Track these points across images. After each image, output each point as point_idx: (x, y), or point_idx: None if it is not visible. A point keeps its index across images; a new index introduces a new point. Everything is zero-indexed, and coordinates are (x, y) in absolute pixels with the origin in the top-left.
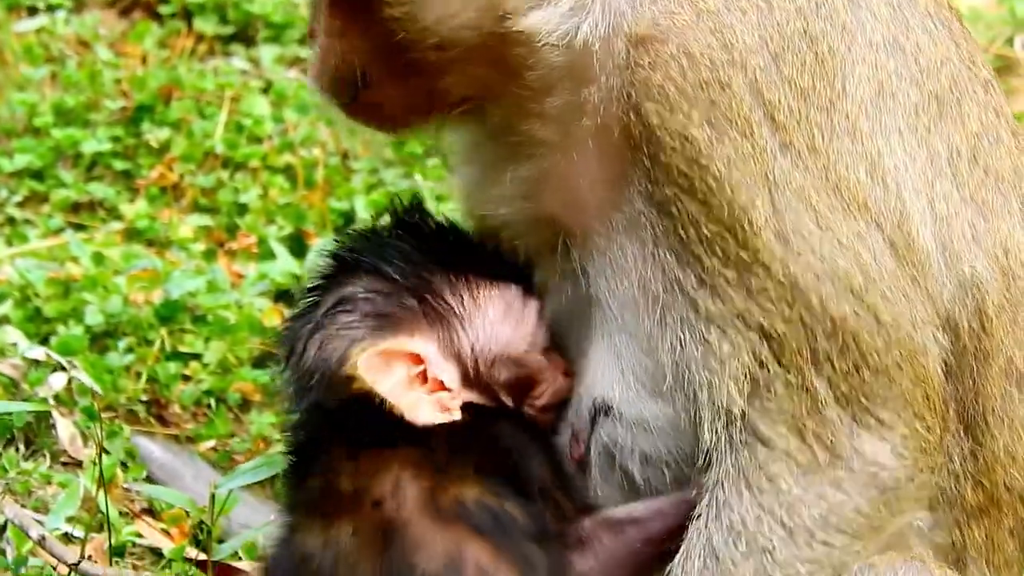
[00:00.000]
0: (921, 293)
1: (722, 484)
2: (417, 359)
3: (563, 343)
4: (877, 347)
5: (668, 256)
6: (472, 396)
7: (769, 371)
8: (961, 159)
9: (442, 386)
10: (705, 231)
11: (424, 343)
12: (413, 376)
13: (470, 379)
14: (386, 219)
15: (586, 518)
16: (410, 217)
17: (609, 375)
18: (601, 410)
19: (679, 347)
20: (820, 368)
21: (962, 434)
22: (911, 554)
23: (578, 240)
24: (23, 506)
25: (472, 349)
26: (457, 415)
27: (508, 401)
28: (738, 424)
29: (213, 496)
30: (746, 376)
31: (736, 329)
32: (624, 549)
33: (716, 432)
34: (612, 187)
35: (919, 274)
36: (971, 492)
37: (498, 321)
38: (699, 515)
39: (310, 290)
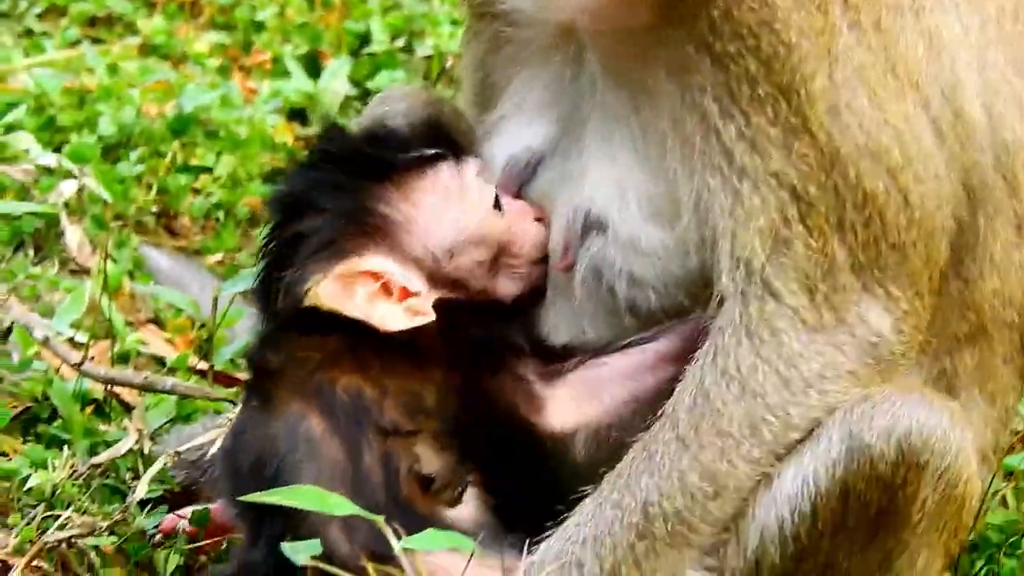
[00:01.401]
0: (955, 169)
1: (724, 331)
2: (375, 276)
3: (551, 148)
4: (900, 224)
5: (711, 105)
6: (445, 291)
7: (793, 230)
8: (1006, 16)
9: (409, 292)
10: (760, 91)
11: (377, 258)
12: (375, 291)
13: (436, 277)
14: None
15: (571, 359)
16: (328, 143)
17: (607, 192)
18: (595, 225)
19: (705, 192)
20: (843, 235)
21: (951, 276)
22: (905, 384)
23: (598, 54)
24: (30, 310)
25: (426, 247)
26: (430, 316)
27: (486, 280)
28: (756, 277)
29: (216, 299)
30: (771, 231)
31: (769, 186)
32: (607, 379)
33: (735, 281)
34: (661, 21)
35: (961, 148)
36: (957, 323)
37: (440, 209)
38: (697, 359)
39: (266, 239)
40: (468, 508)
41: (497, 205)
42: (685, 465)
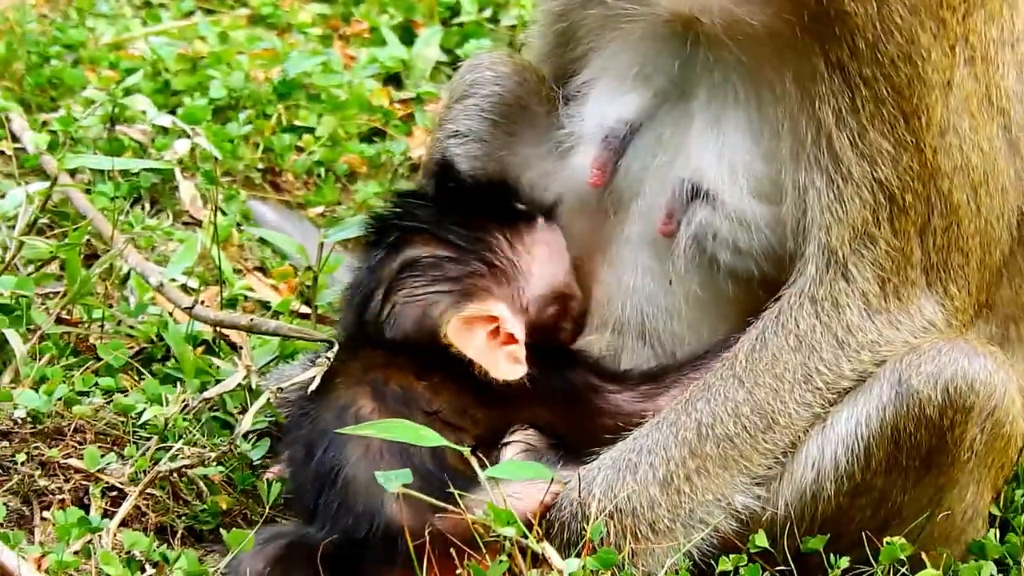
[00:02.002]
0: (1022, 178)
1: (790, 296)
2: (493, 319)
3: (647, 120)
4: (969, 232)
5: (829, 114)
6: (530, 339)
7: (881, 229)
8: None
9: (513, 339)
10: (884, 111)
11: (498, 303)
12: (490, 334)
13: (531, 326)
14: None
15: (665, 379)
16: (445, 179)
17: (716, 168)
18: (701, 196)
19: (809, 187)
20: (923, 239)
21: (1017, 253)
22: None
23: (724, 47)
24: (146, 259)
25: (530, 297)
26: (525, 368)
27: (554, 330)
28: (837, 263)
29: (322, 245)
30: (862, 228)
31: (870, 190)
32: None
33: (816, 263)
34: (798, 36)
35: None
36: (1015, 293)
37: (546, 263)
38: (761, 317)
39: (370, 244)
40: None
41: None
42: (740, 398)
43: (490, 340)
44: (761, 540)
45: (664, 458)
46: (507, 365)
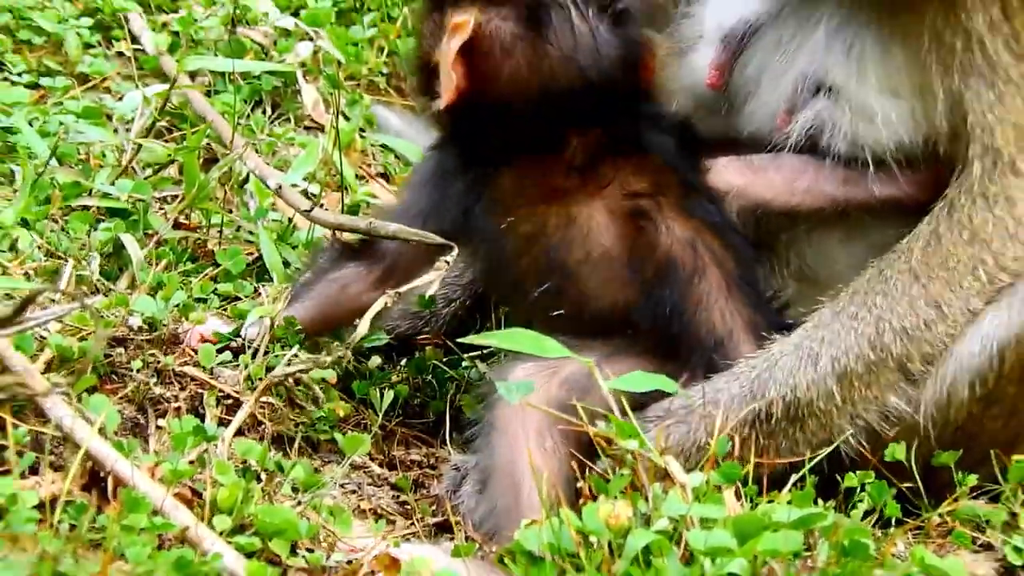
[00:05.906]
0: None
1: (961, 193)
2: None
3: (769, 20)
4: None
5: (979, 23)
6: None
7: None
8: None
9: None
10: None
11: None
12: None
13: None
14: None
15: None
16: None
17: (844, 65)
18: (824, 92)
19: (963, 89)
20: None
21: None
22: None
23: None
24: (266, 164)
25: None
26: None
27: None
28: (1003, 163)
29: None
30: None
31: None
32: (772, 165)
33: (982, 163)
34: None
35: None
36: None
37: None
38: (931, 212)
39: None
40: None
41: None
42: (915, 292)
43: None
44: (900, 452)
45: (844, 350)
46: None
